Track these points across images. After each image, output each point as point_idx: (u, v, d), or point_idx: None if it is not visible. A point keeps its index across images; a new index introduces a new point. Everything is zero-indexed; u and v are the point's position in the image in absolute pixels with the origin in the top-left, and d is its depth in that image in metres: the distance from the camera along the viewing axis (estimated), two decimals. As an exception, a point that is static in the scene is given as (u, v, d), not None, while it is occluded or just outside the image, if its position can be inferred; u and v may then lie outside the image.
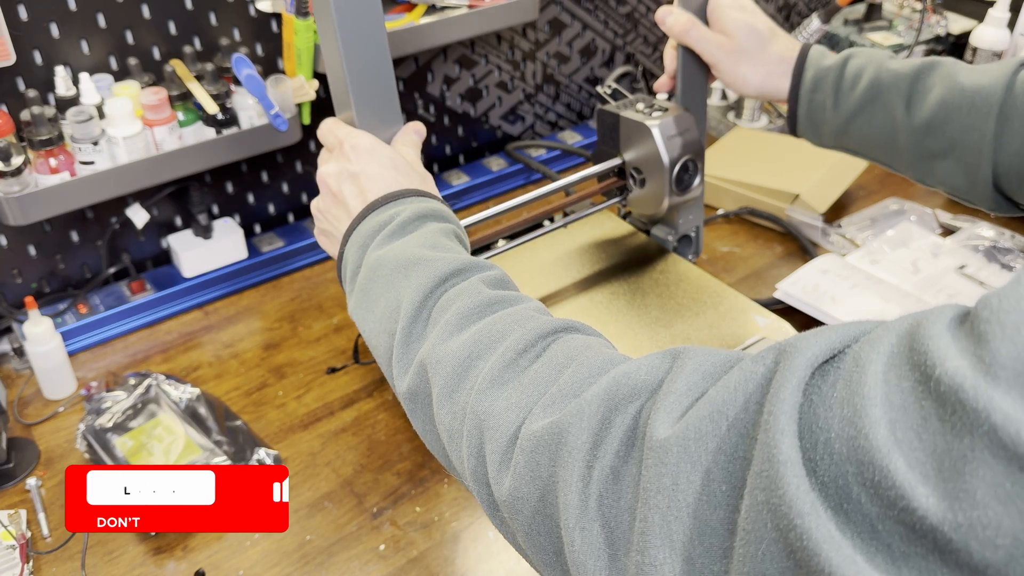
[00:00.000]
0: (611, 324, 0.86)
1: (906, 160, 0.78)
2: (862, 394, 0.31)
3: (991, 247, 1.12)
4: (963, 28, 1.59)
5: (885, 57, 0.79)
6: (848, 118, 0.79)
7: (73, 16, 0.90)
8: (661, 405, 0.38)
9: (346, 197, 0.64)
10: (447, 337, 0.50)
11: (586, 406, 0.41)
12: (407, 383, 0.53)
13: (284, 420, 0.89)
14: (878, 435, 0.30)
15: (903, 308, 1.00)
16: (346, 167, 0.65)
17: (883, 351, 0.32)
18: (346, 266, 0.63)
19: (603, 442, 0.40)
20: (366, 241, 0.60)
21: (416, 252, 0.57)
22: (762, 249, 1.16)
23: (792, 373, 0.33)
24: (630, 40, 1.44)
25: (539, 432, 0.42)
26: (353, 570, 0.74)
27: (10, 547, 0.73)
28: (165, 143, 0.92)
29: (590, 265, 0.94)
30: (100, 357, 0.97)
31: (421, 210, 0.61)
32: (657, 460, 0.36)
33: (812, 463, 0.32)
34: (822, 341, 0.34)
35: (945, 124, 0.73)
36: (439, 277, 0.54)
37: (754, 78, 0.82)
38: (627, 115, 0.87)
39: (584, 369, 0.44)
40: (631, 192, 0.92)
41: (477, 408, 0.46)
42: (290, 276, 1.11)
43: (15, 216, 0.85)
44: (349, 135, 0.67)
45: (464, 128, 1.32)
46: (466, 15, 1.08)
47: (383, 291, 0.57)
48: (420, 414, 0.53)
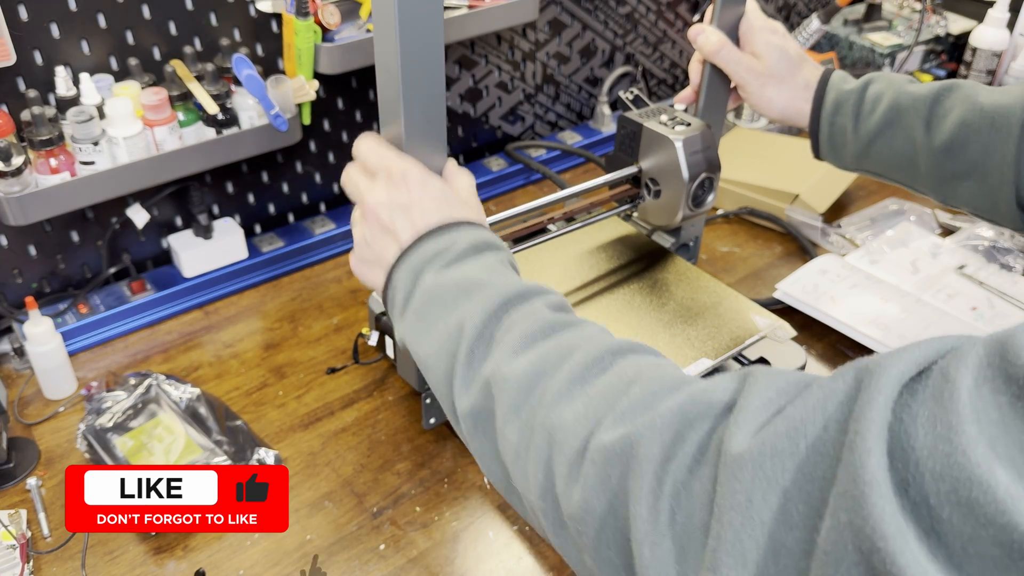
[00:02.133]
0: (611, 324, 0.86)
1: (928, 182, 0.78)
2: (956, 411, 0.30)
3: (990, 247, 1.12)
4: (963, 28, 1.59)
5: (904, 81, 0.80)
6: (868, 141, 0.80)
7: (73, 16, 0.90)
8: (736, 420, 0.38)
9: (397, 227, 0.62)
10: (513, 356, 0.51)
11: (659, 419, 0.41)
12: (470, 402, 0.52)
13: (284, 420, 0.89)
14: (976, 451, 0.29)
15: (902, 308, 1.00)
16: (397, 198, 0.63)
17: (973, 365, 0.32)
18: (394, 292, 0.61)
19: (675, 456, 0.39)
20: (420, 267, 0.60)
21: (478, 276, 0.57)
22: (762, 249, 1.16)
23: (879, 391, 0.33)
24: (630, 40, 1.44)
25: (610, 444, 0.42)
26: (353, 570, 0.74)
27: (10, 547, 0.73)
28: (165, 143, 0.92)
29: (591, 265, 0.95)
30: (100, 357, 0.97)
31: (478, 240, 0.60)
32: (731, 476, 0.36)
33: (903, 484, 0.31)
34: (908, 358, 0.34)
35: (966, 145, 0.74)
36: (502, 299, 0.54)
37: (779, 101, 0.83)
38: (650, 126, 0.87)
39: (656, 384, 0.44)
40: (643, 201, 0.92)
41: (545, 422, 0.46)
42: (290, 276, 1.11)
43: (15, 216, 0.85)
44: (399, 163, 0.64)
45: (464, 128, 1.32)
46: (466, 15, 1.08)
47: (443, 314, 0.56)
48: (481, 434, 0.53)
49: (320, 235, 1.13)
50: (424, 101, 0.64)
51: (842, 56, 1.57)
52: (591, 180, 0.91)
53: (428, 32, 0.61)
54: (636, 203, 0.94)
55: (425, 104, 0.64)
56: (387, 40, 0.61)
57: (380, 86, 0.65)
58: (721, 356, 0.81)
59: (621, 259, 0.96)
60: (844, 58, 1.57)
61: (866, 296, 1.02)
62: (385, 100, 0.65)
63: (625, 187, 0.93)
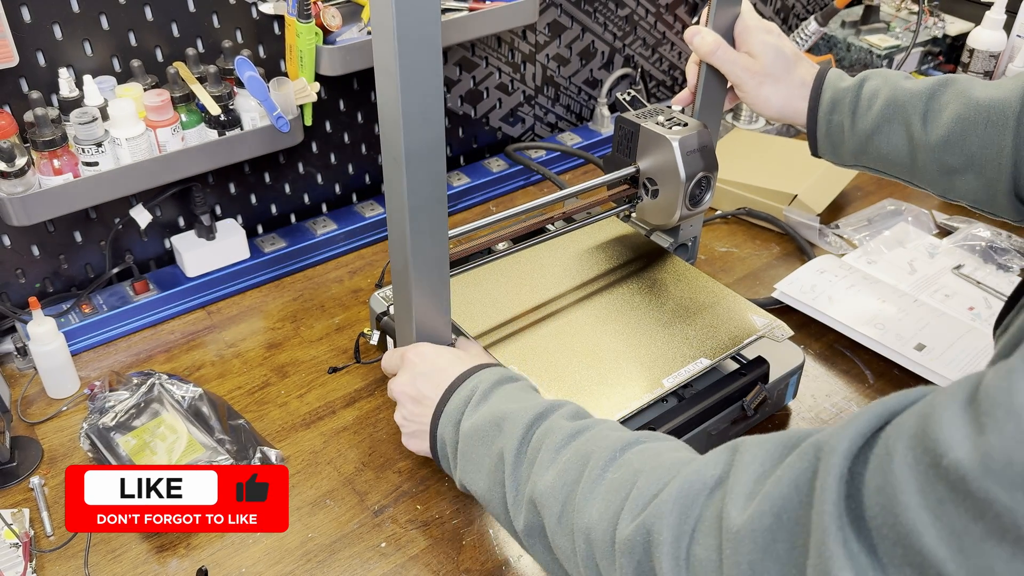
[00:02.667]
0: (610, 323, 0.86)
1: (926, 176, 0.79)
2: (892, 484, 0.36)
3: (987, 247, 1.13)
4: (960, 30, 1.60)
5: (900, 77, 0.81)
6: (866, 137, 0.81)
7: (76, 18, 0.90)
8: (731, 495, 0.44)
9: (425, 394, 0.71)
10: (544, 471, 0.58)
11: (664, 506, 0.47)
12: (523, 521, 0.60)
13: (286, 419, 0.89)
14: (909, 518, 0.34)
15: (900, 308, 1.01)
16: (417, 370, 0.73)
17: (905, 436, 0.36)
18: (444, 447, 0.70)
19: (684, 533, 0.46)
20: (456, 417, 0.68)
21: (505, 408, 0.65)
22: (760, 249, 1.17)
23: (829, 472, 0.38)
24: (629, 42, 1.45)
25: (630, 535, 0.49)
26: (354, 568, 0.74)
27: (13, 545, 0.73)
28: (168, 144, 0.92)
29: (590, 265, 0.95)
30: (103, 357, 0.98)
31: (498, 376, 0.69)
32: (734, 549, 0.42)
33: (867, 550, 0.36)
34: (852, 433, 0.39)
35: (963, 139, 0.75)
36: (528, 422, 0.62)
37: (776, 100, 0.84)
38: (647, 126, 0.88)
39: (656, 473, 0.51)
40: (641, 201, 0.93)
41: (580, 525, 0.53)
42: (292, 276, 1.12)
43: (19, 216, 0.85)
44: (411, 347, 0.75)
45: (465, 130, 1.32)
46: (466, 17, 1.09)
47: (484, 450, 0.64)
48: (539, 547, 0.59)
49: (322, 235, 1.14)
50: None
51: (840, 58, 1.58)
52: (590, 180, 0.92)
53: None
54: (634, 203, 0.94)
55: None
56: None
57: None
58: (719, 356, 0.82)
59: (620, 259, 0.96)
60: (842, 60, 1.58)
61: (863, 296, 1.03)
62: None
63: (623, 187, 0.94)
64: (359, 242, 1.17)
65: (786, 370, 0.86)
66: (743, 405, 0.82)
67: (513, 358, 0.81)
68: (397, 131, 0.64)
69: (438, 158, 0.67)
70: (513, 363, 0.80)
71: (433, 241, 0.71)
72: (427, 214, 0.69)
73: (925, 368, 0.93)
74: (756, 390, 0.83)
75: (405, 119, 0.63)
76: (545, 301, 0.90)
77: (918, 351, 0.95)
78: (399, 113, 0.63)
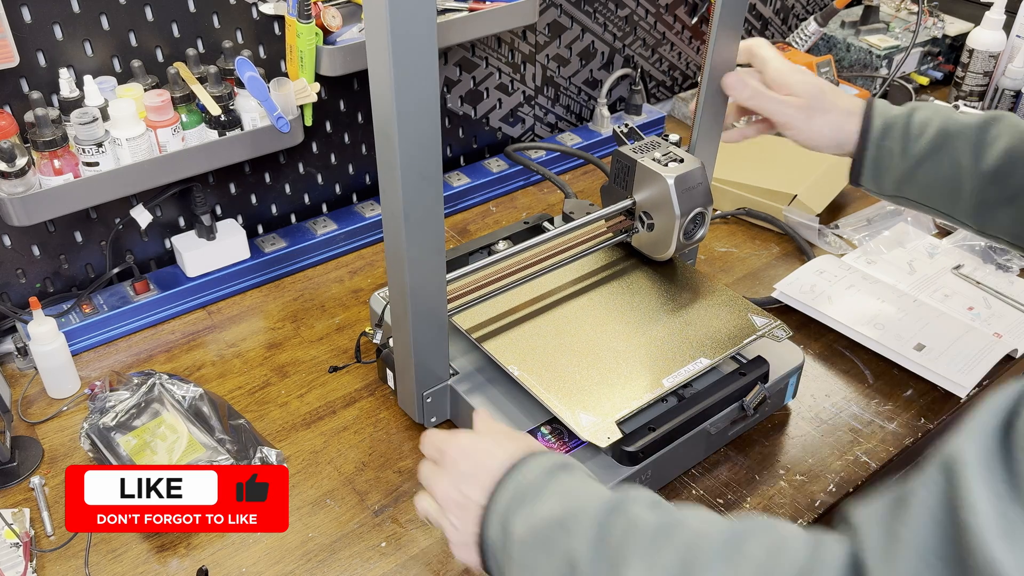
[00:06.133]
0: (610, 323, 0.86)
1: (968, 208, 0.80)
2: None
3: (987, 247, 1.13)
4: (959, 30, 1.60)
5: (950, 110, 0.82)
6: (915, 164, 0.81)
7: (77, 18, 0.90)
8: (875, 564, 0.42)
9: (470, 497, 0.63)
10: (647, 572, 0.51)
11: None
12: None
13: (286, 419, 0.90)
14: None
15: (899, 308, 1.01)
16: (458, 472, 0.65)
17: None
18: (493, 549, 0.61)
19: None
20: (505, 518, 0.60)
21: (566, 505, 0.57)
22: (759, 249, 1.17)
23: (971, 479, 0.38)
24: (629, 43, 1.45)
25: None
26: (355, 567, 0.75)
27: (14, 545, 0.74)
28: (168, 145, 0.92)
29: (590, 264, 0.95)
30: (104, 357, 0.98)
31: (547, 466, 0.61)
32: None
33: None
34: (979, 430, 0.39)
35: (1012, 173, 0.76)
36: (600, 521, 0.55)
37: (828, 129, 0.84)
38: (644, 162, 0.89)
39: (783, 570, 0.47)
40: (637, 232, 0.94)
41: None
42: (292, 276, 1.12)
43: (19, 217, 0.85)
44: (447, 440, 0.67)
45: (465, 130, 1.32)
46: (466, 18, 1.09)
47: (548, 558, 0.56)
48: None
49: (322, 235, 1.14)
50: None
51: (839, 58, 1.58)
52: (588, 215, 0.94)
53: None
54: (631, 234, 0.95)
55: None
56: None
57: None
58: (719, 356, 0.82)
59: (620, 259, 0.96)
60: (841, 60, 1.58)
61: (863, 296, 1.03)
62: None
63: (620, 219, 0.95)
64: (359, 242, 1.18)
65: (786, 370, 0.87)
66: (743, 405, 0.82)
67: (513, 359, 0.81)
68: (392, 145, 0.65)
69: (434, 157, 0.68)
70: (513, 364, 0.80)
71: (432, 289, 0.71)
72: (423, 227, 0.69)
73: (925, 368, 0.93)
74: (756, 390, 0.83)
75: (399, 124, 0.64)
76: (545, 301, 0.90)
77: (918, 351, 0.95)
78: (394, 130, 0.65)
